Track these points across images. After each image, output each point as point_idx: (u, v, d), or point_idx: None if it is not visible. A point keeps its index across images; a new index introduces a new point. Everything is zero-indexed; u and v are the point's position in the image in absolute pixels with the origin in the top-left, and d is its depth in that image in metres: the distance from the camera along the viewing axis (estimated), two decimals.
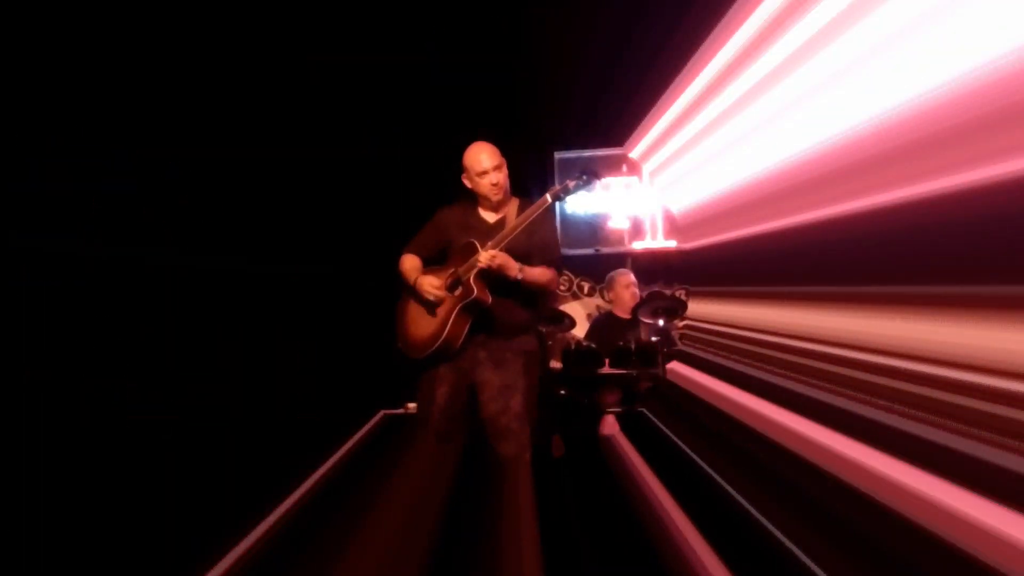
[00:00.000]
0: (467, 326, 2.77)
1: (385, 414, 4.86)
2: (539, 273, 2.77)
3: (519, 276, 2.69)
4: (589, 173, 2.78)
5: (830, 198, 3.06)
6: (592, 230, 6.36)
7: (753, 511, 2.79)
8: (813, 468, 2.78)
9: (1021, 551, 1.84)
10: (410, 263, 2.97)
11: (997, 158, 2.04)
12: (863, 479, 2.48)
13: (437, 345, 2.77)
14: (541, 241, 2.83)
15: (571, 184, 2.72)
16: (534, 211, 2.72)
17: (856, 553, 2.27)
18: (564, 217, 6.38)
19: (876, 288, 2.78)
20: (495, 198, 2.85)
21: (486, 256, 2.65)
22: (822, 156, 3.15)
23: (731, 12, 3.72)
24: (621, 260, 6.05)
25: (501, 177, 2.82)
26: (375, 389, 4.75)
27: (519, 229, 2.71)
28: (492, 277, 2.70)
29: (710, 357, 4.73)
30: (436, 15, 4.90)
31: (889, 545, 2.20)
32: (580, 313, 5.98)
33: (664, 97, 4.80)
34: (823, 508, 2.56)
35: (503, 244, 2.70)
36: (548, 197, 2.71)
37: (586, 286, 6.41)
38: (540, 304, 2.93)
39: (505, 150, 2.92)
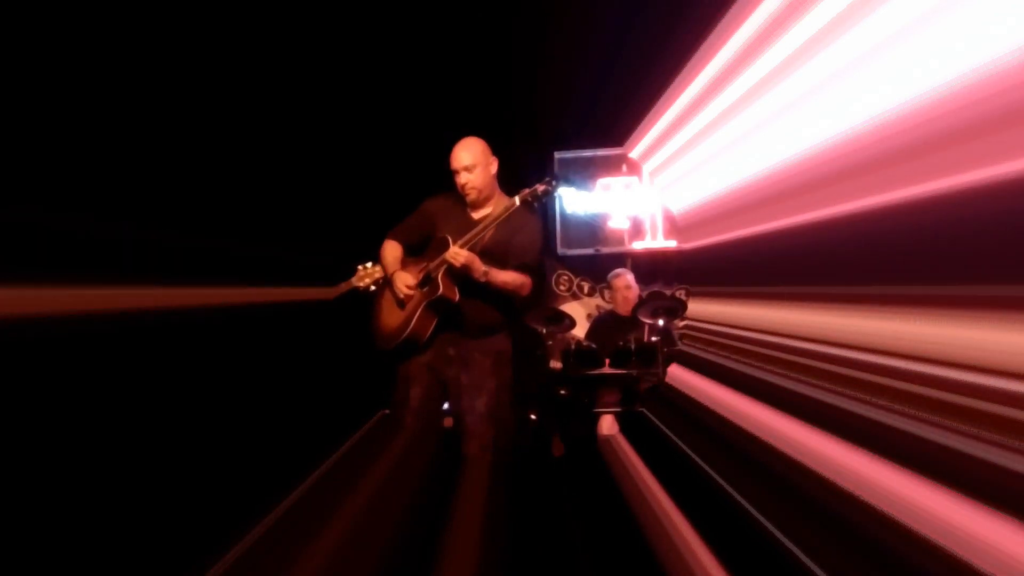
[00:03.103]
0: (433, 322, 2.80)
1: (385, 414, 4.85)
2: (507, 278, 2.77)
3: (483, 278, 2.70)
4: (558, 176, 2.84)
5: (830, 198, 3.06)
6: (592, 230, 6.36)
7: (753, 511, 2.79)
8: (812, 468, 2.78)
9: (1021, 550, 1.84)
10: (391, 252, 3.00)
11: (997, 158, 2.04)
12: (863, 479, 2.48)
13: (401, 339, 2.82)
14: (520, 244, 2.83)
15: (540, 188, 2.74)
16: (501, 214, 2.74)
17: (856, 553, 2.27)
18: (564, 217, 6.39)
19: (876, 288, 2.78)
20: (467, 198, 2.89)
21: (451, 252, 2.68)
22: (822, 156, 3.15)
23: (731, 12, 3.72)
24: (621, 260, 6.05)
25: (471, 179, 2.84)
26: (375, 389, 4.74)
27: (485, 229, 2.75)
28: (461, 276, 2.72)
29: (710, 357, 4.73)
30: (437, 15, 4.90)
31: (889, 545, 2.20)
32: (580, 313, 5.99)
33: (664, 97, 4.80)
34: (823, 508, 2.56)
35: (471, 243, 2.73)
36: (516, 200, 2.74)
37: (586, 286, 6.41)
38: (513, 305, 2.91)
39: (505, 150, 2.92)
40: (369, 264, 3.18)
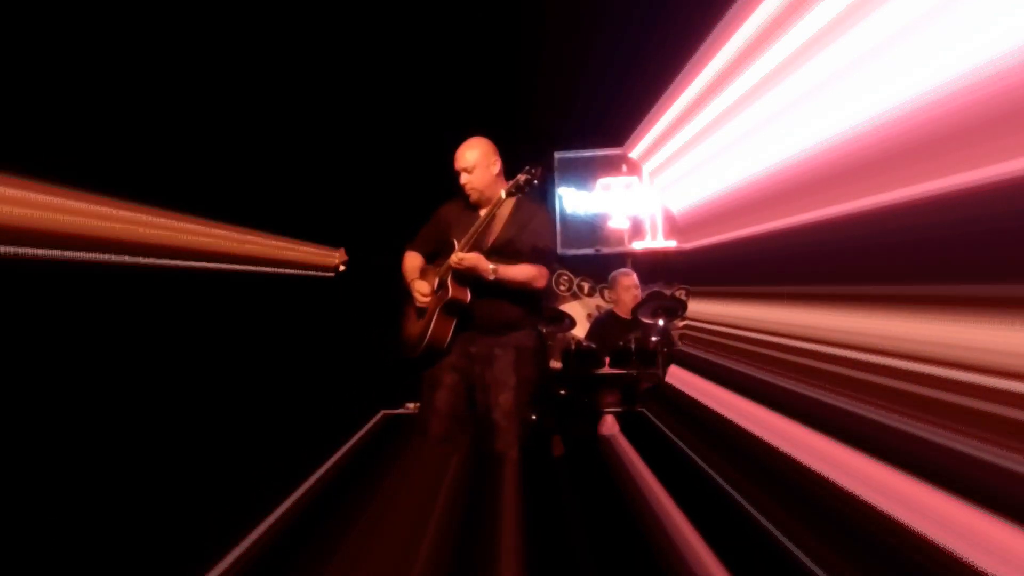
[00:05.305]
0: (451, 326, 2.84)
1: (385, 414, 4.86)
2: (518, 272, 2.80)
3: (492, 276, 2.73)
4: (535, 165, 2.86)
5: (830, 198, 3.06)
6: (592, 230, 6.37)
7: (753, 511, 2.79)
8: (812, 468, 2.79)
9: (1020, 549, 1.84)
10: (410, 262, 3.06)
11: (997, 158, 2.04)
12: (862, 478, 2.49)
13: (423, 346, 2.86)
14: (531, 235, 2.87)
15: (522, 178, 2.80)
16: (493, 209, 2.82)
17: (855, 553, 2.27)
18: (564, 217, 6.39)
19: (876, 288, 2.78)
20: (470, 199, 2.93)
21: (455, 258, 2.73)
22: (822, 156, 3.15)
23: (731, 12, 3.72)
24: (621, 260, 6.06)
25: (471, 179, 2.90)
26: (375, 389, 4.75)
27: (480, 228, 2.81)
28: (471, 277, 2.75)
29: (710, 357, 4.73)
30: (438, 15, 4.90)
31: (889, 545, 2.20)
32: (580, 313, 5.99)
33: (664, 97, 4.79)
34: (823, 508, 2.56)
35: (473, 243, 2.79)
36: (503, 194, 2.80)
37: (586, 286, 6.41)
38: (533, 299, 2.94)
39: (506, 150, 2.94)
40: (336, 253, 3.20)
